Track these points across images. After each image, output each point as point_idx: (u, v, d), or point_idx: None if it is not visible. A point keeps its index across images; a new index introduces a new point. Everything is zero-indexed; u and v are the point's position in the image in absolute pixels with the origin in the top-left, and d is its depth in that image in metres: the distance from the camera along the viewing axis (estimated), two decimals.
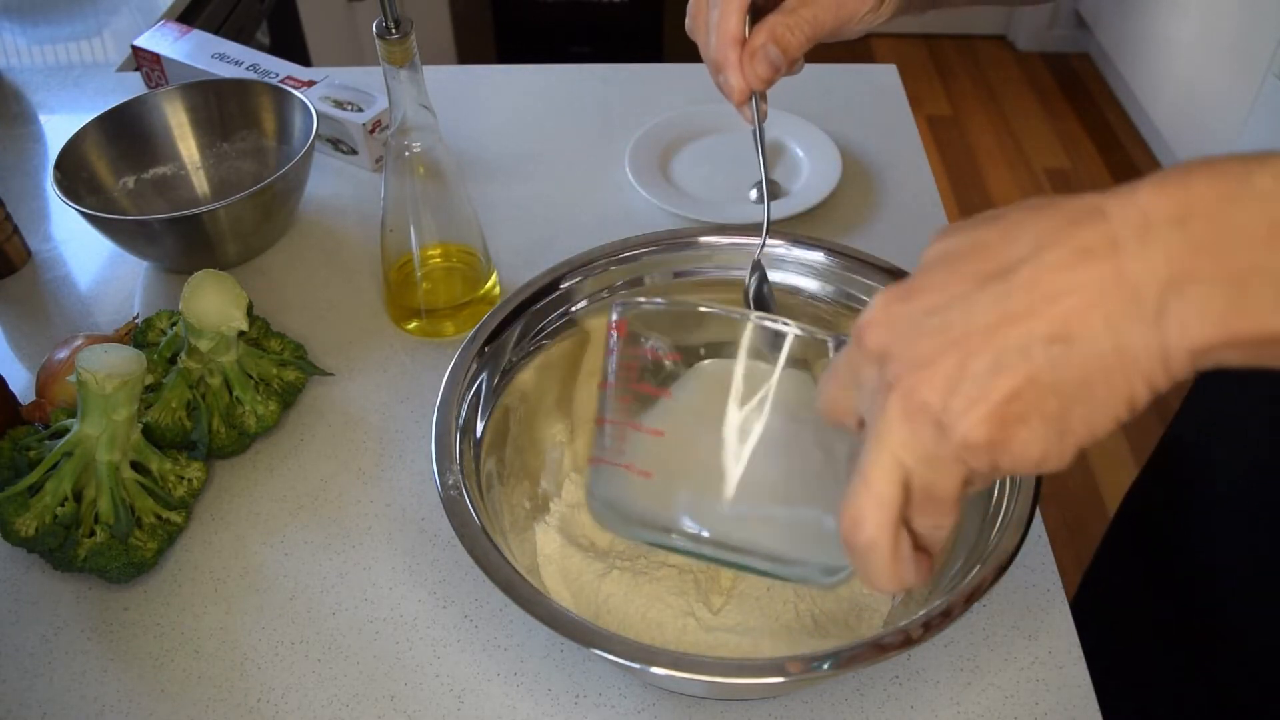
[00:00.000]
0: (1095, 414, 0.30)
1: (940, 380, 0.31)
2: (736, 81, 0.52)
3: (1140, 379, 0.30)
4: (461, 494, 0.51)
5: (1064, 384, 0.30)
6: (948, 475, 0.32)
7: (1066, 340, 0.29)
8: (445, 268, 0.74)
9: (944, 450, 0.31)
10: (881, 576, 0.34)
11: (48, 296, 0.79)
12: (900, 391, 0.31)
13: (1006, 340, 0.30)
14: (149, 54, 0.95)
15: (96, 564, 0.56)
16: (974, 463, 0.31)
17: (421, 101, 0.65)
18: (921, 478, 0.32)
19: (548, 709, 0.53)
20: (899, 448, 0.32)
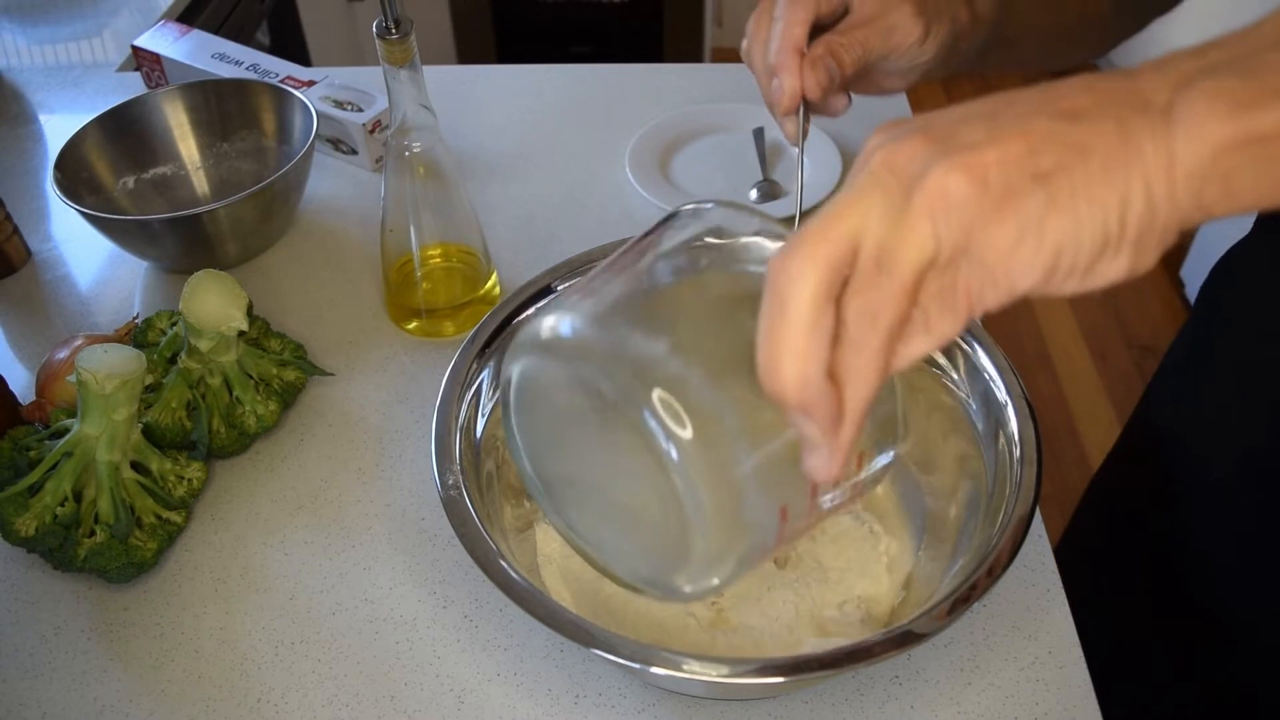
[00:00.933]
0: (1083, 201, 0.28)
1: (934, 136, 0.29)
2: (792, 84, 0.52)
3: (1139, 176, 0.28)
4: (461, 494, 0.51)
5: (1059, 148, 0.28)
6: (907, 241, 0.29)
7: (1071, 116, 0.28)
8: (445, 268, 0.74)
9: (915, 201, 0.28)
10: (782, 343, 0.29)
11: (48, 296, 0.79)
12: (889, 147, 0.29)
13: (1006, 116, 0.29)
14: (149, 54, 0.95)
15: (96, 564, 0.56)
16: (943, 229, 0.28)
17: (421, 101, 0.65)
18: (878, 236, 0.29)
19: (548, 709, 0.53)
20: (865, 194, 0.29)
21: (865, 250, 0.29)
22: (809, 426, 0.31)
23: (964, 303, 0.30)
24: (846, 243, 0.29)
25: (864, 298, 0.29)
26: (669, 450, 0.34)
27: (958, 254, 0.29)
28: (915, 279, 0.29)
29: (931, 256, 0.29)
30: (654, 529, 0.40)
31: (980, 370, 0.55)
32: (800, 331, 0.29)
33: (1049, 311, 2.08)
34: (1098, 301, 2.10)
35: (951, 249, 0.29)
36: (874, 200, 0.29)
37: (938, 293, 0.30)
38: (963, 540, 0.52)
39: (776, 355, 0.30)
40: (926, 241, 0.29)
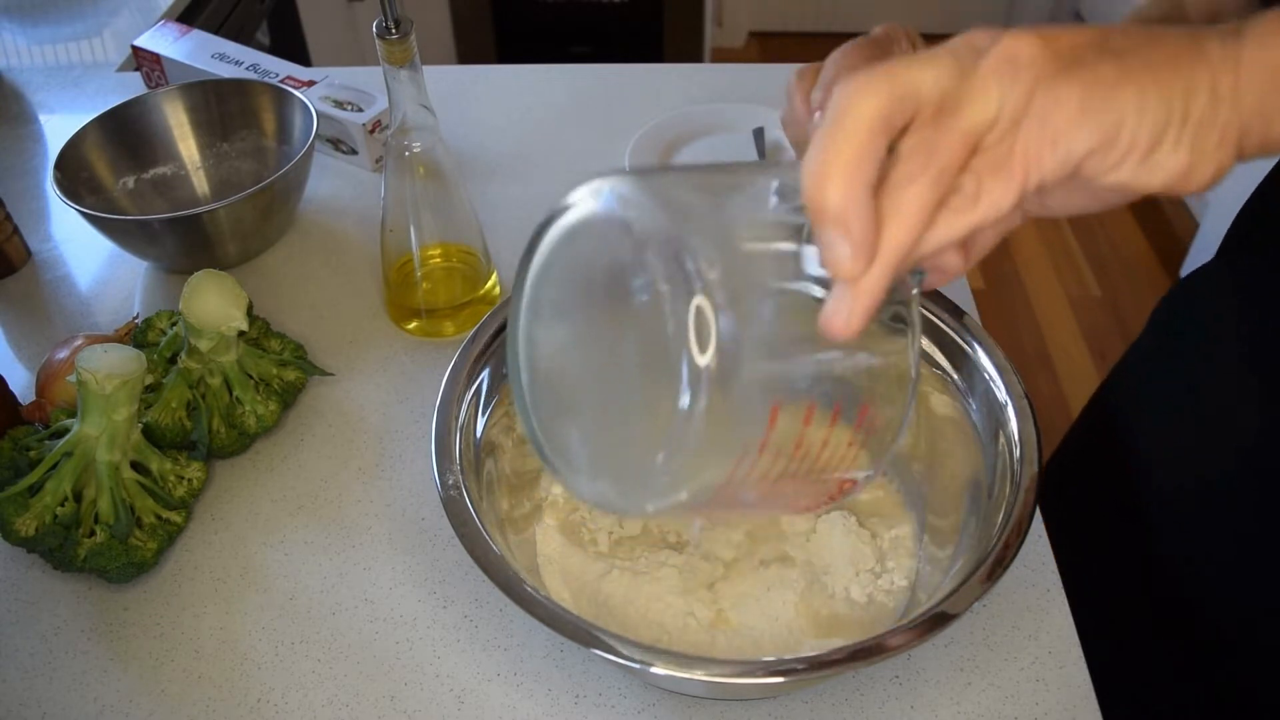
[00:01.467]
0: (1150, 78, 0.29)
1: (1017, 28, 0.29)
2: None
3: (1205, 69, 0.29)
4: (461, 494, 0.51)
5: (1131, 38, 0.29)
6: (972, 94, 0.29)
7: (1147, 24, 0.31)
8: (445, 268, 0.74)
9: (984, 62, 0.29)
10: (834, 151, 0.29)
11: (48, 296, 0.79)
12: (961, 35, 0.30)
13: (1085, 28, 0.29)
14: (149, 54, 0.95)
15: (96, 564, 0.56)
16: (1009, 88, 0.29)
17: (421, 101, 0.65)
18: (943, 87, 0.29)
19: (548, 709, 0.53)
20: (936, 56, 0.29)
21: (928, 97, 0.29)
22: (841, 246, 0.30)
23: (1019, 168, 0.30)
24: (912, 86, 0.29)
25: (921, 134, 0.29)
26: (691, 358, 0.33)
27: (1020, 114, 0.29)
28: (975, 133, 0.29)
29: (994, 115, 0.29)
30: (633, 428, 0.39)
31: (980, 370, 0.55)
32: (855, 141, 0.29)
33: (1049, 311, 2.08)
34: (1098, 301, 2.10)
35: (1015, 107, 0.29)
36: (944, 61, 0.29)
37: (993, 157, 0.30)
38: (963, 540, 0.52)
39: (826, 162, 0.29)
40: (991, 97, 0.29)
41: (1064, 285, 2.14)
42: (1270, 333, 0.57)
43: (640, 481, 0.36)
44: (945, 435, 0.57)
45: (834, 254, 0.30)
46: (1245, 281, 0.60)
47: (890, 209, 0.30)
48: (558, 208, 0.39)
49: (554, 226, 0.39)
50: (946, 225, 0.31)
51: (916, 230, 0.30)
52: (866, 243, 0.30)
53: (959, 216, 0.31)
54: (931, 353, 0.58)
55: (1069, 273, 2.17)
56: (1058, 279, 2.15)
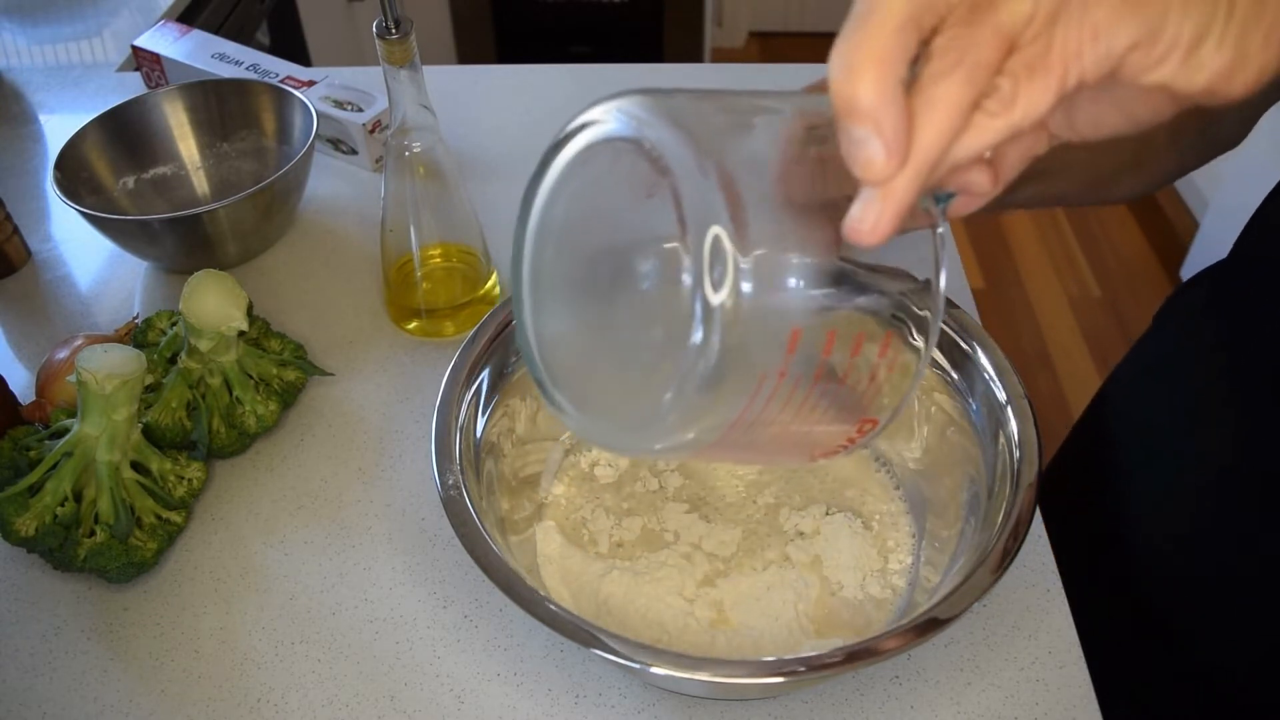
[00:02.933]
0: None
1: None
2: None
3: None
4: (461, 494, 0.51)
5: None
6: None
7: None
8: (445, 268, 0.74)
9: None
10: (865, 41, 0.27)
11: (48, 296, 0.79)
12: None
13: None
14: (149, 54, 0.95)
15: (96, 564, 0.56)
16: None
17: (421, 101, 0.65)
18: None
19: (548, 709, 0.53)
20: None
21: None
22: (871, 143, 0.28)
23: (1058, 65, 0.28)
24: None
25: (955, 31, 0.28)
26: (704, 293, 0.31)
27: (1057, 10, 0.28)
28: (1011, 28, 0.28)
29: (1031, 9, 0.27)
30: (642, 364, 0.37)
31: (980, 370, 0.56)
32: (885, 33, 0.27)
33: (1049, 311, 2.08)
34: (1098, 301, 2.10)
35: (1052, 3, 0.27)
36: None
37: (1031, 55, 0.28)
38: (963, 540, 0.52)
39: (855, 54, 0.27)
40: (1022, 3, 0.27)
41: (1064, 285, 2.14)
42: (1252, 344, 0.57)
43: (647, 419, 0.35)
44: (945, 435, 0.57)
45: (864, 153, 0.28)
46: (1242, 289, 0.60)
47: (923, 106, 0.28)
48: (568, 128, 0.37)
49: (565, 148, 0.38)
50: (981, 129, 0.29)
51: (951, 130, 0.28)
52: (899, 141, 0.28)
53: (995, 120, 0.29)
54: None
55: (1069, 273, 2.17)
56: (1058, 279, 2.16)
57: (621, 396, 0.37)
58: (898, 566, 0.56)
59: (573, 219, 0.39)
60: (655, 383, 0.34)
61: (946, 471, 0.57)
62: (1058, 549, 0.59)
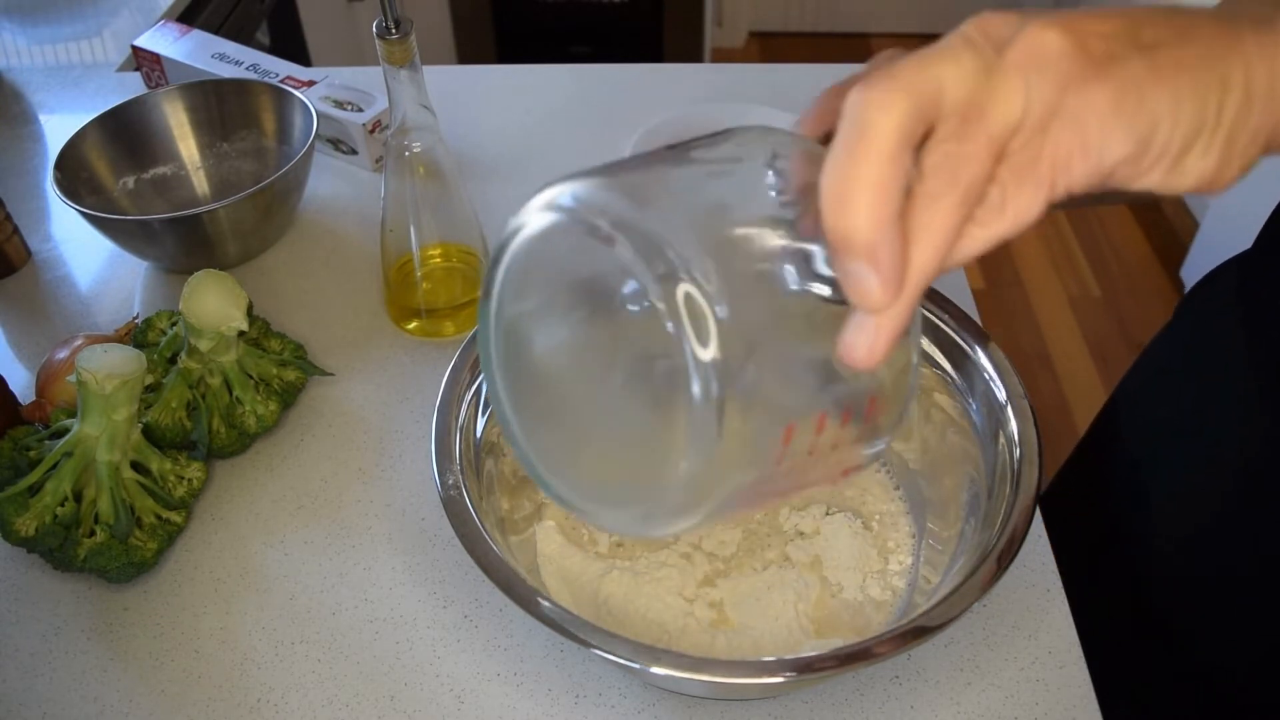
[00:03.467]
0: (1185, 77, 0.27)
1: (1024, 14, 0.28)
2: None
3: (1240, 64, 0.27)
4: (461, 494, 0.51)
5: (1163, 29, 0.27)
6: (997, 95, 0.27)
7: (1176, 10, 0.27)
8: (445, 268, 0.74)
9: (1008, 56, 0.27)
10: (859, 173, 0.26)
11: (48, 296, 0.79)
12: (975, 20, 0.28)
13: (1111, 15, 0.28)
14: (149, 54, 0.95)
15: (96, 564, 0.56)
16: (1036, 85, 0.26)
17: (421, 101, 0.65)
18: (967, 88, 0.27)
19: (548, 709, 0.53)
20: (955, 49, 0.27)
21: (951, 101, 0.27)
22: (868, 278, 0.28)
23: (1047, 174, 0.28)
24: (934, 87, 0.27)
25: (946, 148, 0.27)
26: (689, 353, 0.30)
27: (1048, 116, 0.27)
28: (1002, 138, 0.27)
29: (1020, 116, 0.27)
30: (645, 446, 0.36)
31: (980, 370, 0.56)
32: (881, 160, 0.26)
33: (1049, 311, 2.08)
34: (1098, 301, 2.10)
35: (1043, 109, 0.27)
36: (964, 55, 0.27)
37: (1020, 164, 0.28)
38: (963, 540, 0.52)
39: (851, 186, 0.27)
40: (1017, 97, 0.27)
41: (1064, 285, 2.14)
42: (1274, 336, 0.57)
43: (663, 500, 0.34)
44: (945, 436, 0.57)
45: (861, 287, 0.28)
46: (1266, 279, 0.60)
47: (918, 231, 0.28)
48: (514, 225, 0.36)
49: (513, 245, 0.37)
50: (972, 239, 0.29)
51: (945, 251, 0.28)
52: (896, 274, 0.27)
53: (985, 229, 0.29)
54: (931, 353, 0.58)
55: (1069, 273, 2.17)
56: (1058, 279, 2.15)
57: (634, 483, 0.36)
58: (898, 567, 0.56)
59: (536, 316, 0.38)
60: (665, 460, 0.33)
61: (946, 471, 0.57)
62: (1058, 549, 0.59)
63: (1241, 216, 0.64)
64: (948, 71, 0.27)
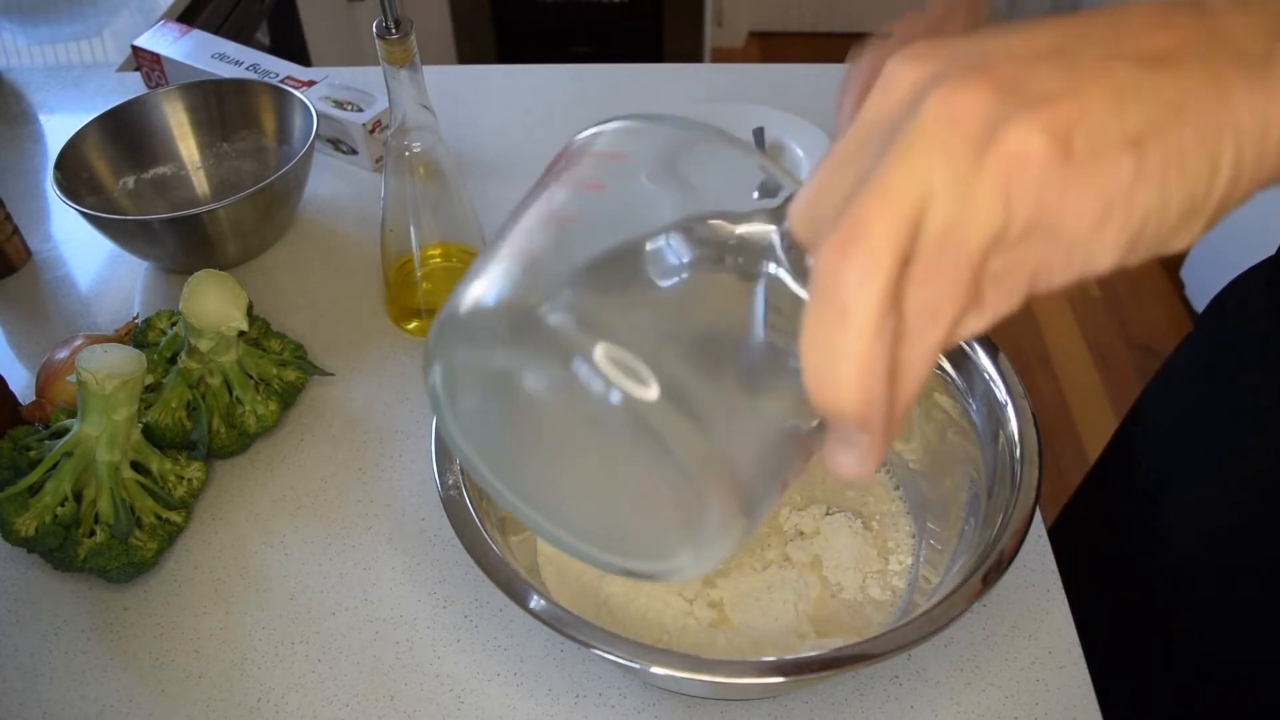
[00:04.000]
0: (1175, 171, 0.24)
1: (999, 80, 0.24)
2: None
3: (1231, 139, 0.24)
4: (461, 494, 0.51)
5: (1149, 104, 0.24)
6: (978, 215, 0.24)
7: (1157, 62, 0.24)
8: (445, 268, 0.74)
9: (987, 168, 0.24)
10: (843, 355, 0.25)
11: (48, 296, 0.79)
12: (946, 87, 0.24)
13: (1086, 52, 0.24)
14: (149, 54, 0.95)
15: (96, 564, 0.56)
16: (1018, 199, 0.24)
17: (421, 101, 0.65)
18: (944, 213, 0.24)
19: (548, 709, 0.53)
20: (929, 153, 0.24)
21: (929, 229, 0.24)
22: (860, 440, 0.27)
23: (1026, 283, 0.26)
24: (909, 225, 0.24)
25: (927, 288, 0.25)
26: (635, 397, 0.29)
27: (1031, 229, 0.25)
28: (982, 256, 0.25)
29: (1001, 232, 0.25)
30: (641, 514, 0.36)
31: (980, 370, 0.56)
32: (866, 339, 0.25)
33: (1049, 311, 2.08)
34: (1098, 301, 2.10)
35: (1025, 223, 0.25)
36: (936, 165, 0.24)
37: (999, 272, 0.26)
38: (963, 540, 0.52)
39: (836, 367, 0.25)
40: (998, 215, 0.24)
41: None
42: None
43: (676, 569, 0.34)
44: (945, 436, 0.57)
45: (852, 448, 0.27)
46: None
47: (902, 369, 0.26)
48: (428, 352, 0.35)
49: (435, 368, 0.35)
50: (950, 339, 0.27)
51: (926, 378, 0.27)
52: (886, 424, 0.26)
53: (962, 327, 0.27)
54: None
55: None
56: None
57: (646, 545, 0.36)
58: (898, 567, 0.56)
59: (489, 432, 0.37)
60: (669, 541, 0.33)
61: (946, 471, 0.57)
62: (1058, 549, 0.59)
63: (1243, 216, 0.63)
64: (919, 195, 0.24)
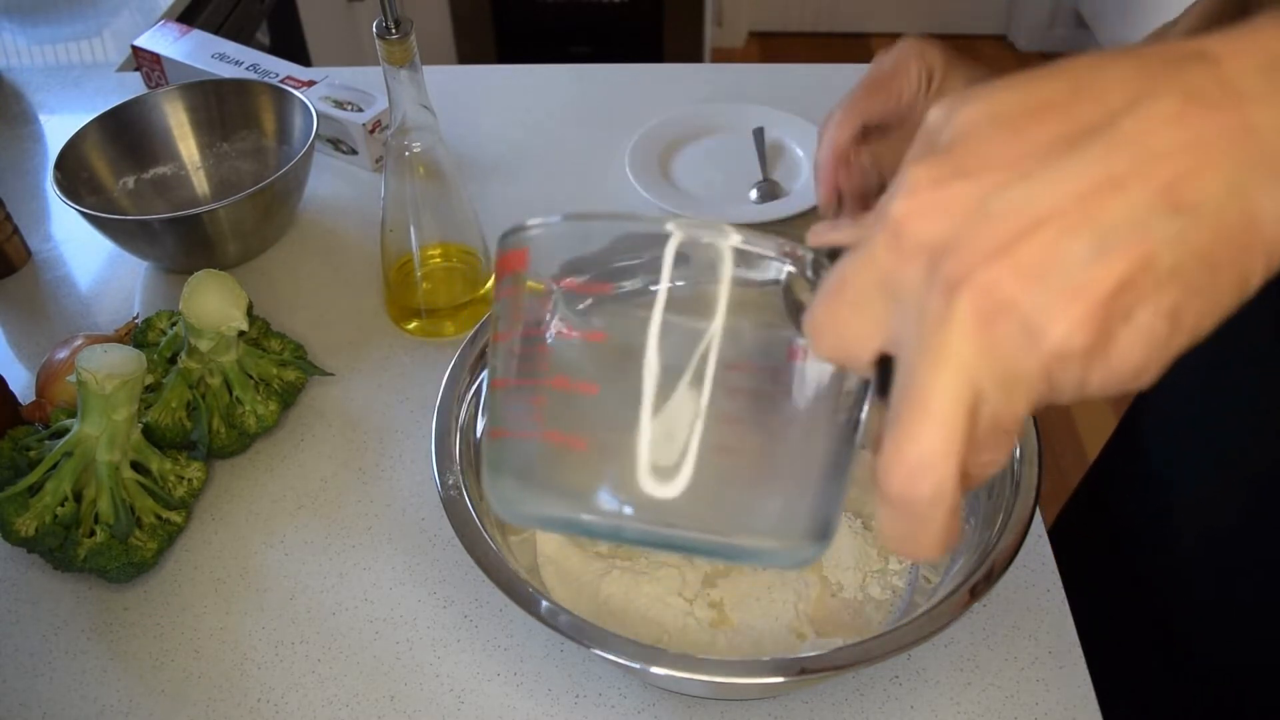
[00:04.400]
0: (1209, 303, 0.24)
1: (1028, 268, 0.23)
2: (824, 191, 0.53)
3: (1260, 253, 0.24)
4: (461, 494, 0.51)
5: (1185, 266, 0.23)
6: (1023, 398, 0.25)
7: (1187, 210, 0.23)
8: (445, 268, 0.74)
9: (1028, 363, 0.24)
10: (935, 539, 0.26)
11: (48, 296, 0.79)
12: (973, 289, 0.24)
13: (1112, 210, 0.23)
14: (149, 54, 0.95)
15: (96, 564, 0.56)
16: (1061, 378, 0.24)
17: (421, 101, 0.65)
18: (994, 404, 0.25)
19: (548, 709, 0.53)
20: (970, 364, 0.24)
21: (983, 417, 0.25)
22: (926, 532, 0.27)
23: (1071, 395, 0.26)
24: (968, 424, 0.25)
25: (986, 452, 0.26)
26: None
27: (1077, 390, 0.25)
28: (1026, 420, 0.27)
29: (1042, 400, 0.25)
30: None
31: None
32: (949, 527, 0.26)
33: None
34: None
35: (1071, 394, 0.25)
36: (984, 365, 0.24)
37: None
38: (962, 540, 0.52)
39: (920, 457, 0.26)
40: (1044, 396, 0.25)
41: None
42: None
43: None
44: None
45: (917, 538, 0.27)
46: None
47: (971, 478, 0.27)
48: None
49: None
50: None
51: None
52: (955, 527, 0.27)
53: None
54: None
55: None
56: None
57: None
58: (897, 567, 0.56)
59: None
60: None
61: None
62: (1058, 549, 0.59)
63: None
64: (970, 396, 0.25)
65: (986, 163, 0.25)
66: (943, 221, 0.25)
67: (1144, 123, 0.23)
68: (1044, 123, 0.24)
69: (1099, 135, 0.23)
